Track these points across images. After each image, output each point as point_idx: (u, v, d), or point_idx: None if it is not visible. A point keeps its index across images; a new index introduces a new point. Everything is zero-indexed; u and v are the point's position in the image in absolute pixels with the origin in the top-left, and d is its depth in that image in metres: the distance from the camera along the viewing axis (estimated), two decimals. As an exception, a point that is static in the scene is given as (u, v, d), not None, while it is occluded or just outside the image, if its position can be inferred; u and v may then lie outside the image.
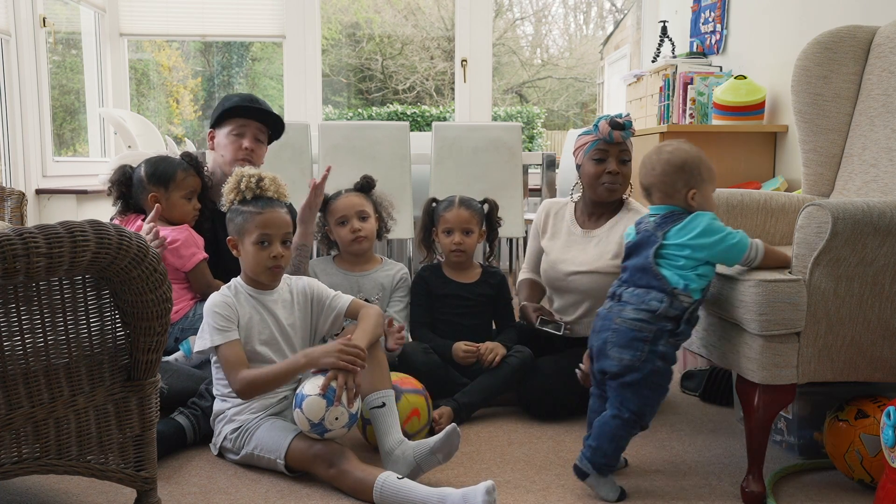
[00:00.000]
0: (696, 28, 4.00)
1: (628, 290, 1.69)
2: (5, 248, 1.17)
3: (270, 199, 1.87)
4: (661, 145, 1.77)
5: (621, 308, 1.68)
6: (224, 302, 1.83)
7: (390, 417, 1.76)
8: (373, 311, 1.89)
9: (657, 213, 1.72)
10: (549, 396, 2.14)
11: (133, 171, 2.34)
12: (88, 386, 1.40)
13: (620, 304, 1.69)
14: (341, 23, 9.94)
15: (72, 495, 1.66)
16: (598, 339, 1.70)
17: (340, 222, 2.32)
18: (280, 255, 1.84)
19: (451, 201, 2.33)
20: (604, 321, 1.71)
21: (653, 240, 1.68)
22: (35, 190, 3.98)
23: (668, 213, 1.70)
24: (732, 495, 1.68)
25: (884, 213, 1.54)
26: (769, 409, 1.62)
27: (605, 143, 2.20)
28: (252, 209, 1.84)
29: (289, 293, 1.92)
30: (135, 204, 2.34)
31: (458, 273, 2.33)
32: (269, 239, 1.83)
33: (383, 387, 1.79)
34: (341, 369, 1.68)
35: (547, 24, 12.73)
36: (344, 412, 1.67)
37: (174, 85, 7.76)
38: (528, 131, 8.82)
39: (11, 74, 3.84)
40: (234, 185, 1.87)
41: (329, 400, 1.65)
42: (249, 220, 1.83)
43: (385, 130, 3.56)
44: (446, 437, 1.67)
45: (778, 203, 2.21)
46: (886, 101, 2.12)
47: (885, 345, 1.63)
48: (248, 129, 2.41)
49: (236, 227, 1.86)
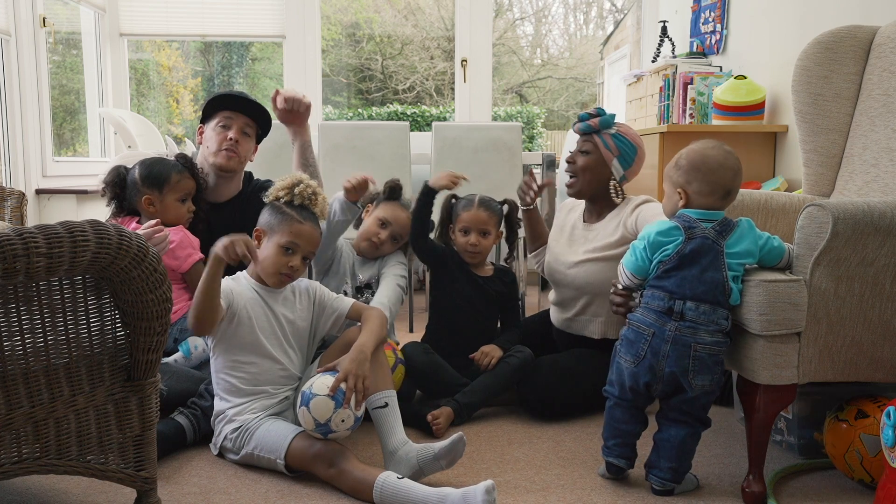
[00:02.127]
0: (696, 28, 4.00)
1: (692, 307, 1.59)
2: (5, 248, 1.17)
3: (313, 214, 1.90)
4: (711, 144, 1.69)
5: (693, 331, 1.59)
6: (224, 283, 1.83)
7: (393, 418, 1.76)
8: (376, 314, 1.89)
9: (712, 219, 1.63)
10: (549, 396, 2.14)
11: (127, 172, 2.33)
12: (88, 386, 1.40)
13: (688, 324, 1.59)
14: (341, 23, 9.95)
15: (72, 495, 1.66)
16: (673, 366, 1.60)
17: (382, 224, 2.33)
18: (296, 268, 1.86)
19: (470, 200, 2.32)
20: (675, 346, 1.59)
21: (716, 249, 1.60)
22: (35, 190, 3.97)
23: (723, 220, 1.64)
24: (732, 495, 1.68)
25: (884, 214, 1.54)
26: (770, 409, 1.62)
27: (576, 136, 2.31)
28: (295, 215, 1.86)
29: (291, 292, 1.93)
30: (129, 205, 2.33)
31: (473, 267, 2.34)
32: (296, 249, 1.85)
33: (385, 387, 1.79)
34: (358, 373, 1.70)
35: (547, 24, 12.75)
36: (350, 415, 1.68)
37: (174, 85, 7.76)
38: (528, 131, 8.82)
39: (11, 74, 3.84)
40: (289, 185, 1.90)
41: (338, 402, 1.66)
42: (286, 224, 1.85)
43: (385, 130, 3.56)
44: (452, 444, 1.67)
45: (778, 203, 2.21)
46: (887, 101, 2.12)
47: (885, 345, 1.63)
48: (234, 121, 2.39)
49: (270, 223, 1.88)
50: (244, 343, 1.83)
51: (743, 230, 1.63)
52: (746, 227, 1.63)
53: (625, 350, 1.68)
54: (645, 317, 1.65)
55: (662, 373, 1.61)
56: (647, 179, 3.32)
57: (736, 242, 1.61)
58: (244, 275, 1.91)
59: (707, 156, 1.65)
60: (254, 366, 1.83)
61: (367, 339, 1.79)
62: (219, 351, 1.85)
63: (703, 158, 1.65)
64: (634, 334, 1.65)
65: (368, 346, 1.76)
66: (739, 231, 1.63)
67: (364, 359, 1.73)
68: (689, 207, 1.66)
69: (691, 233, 1.62)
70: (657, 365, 1.62)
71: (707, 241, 1.61)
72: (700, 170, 1.64)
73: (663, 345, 1.60)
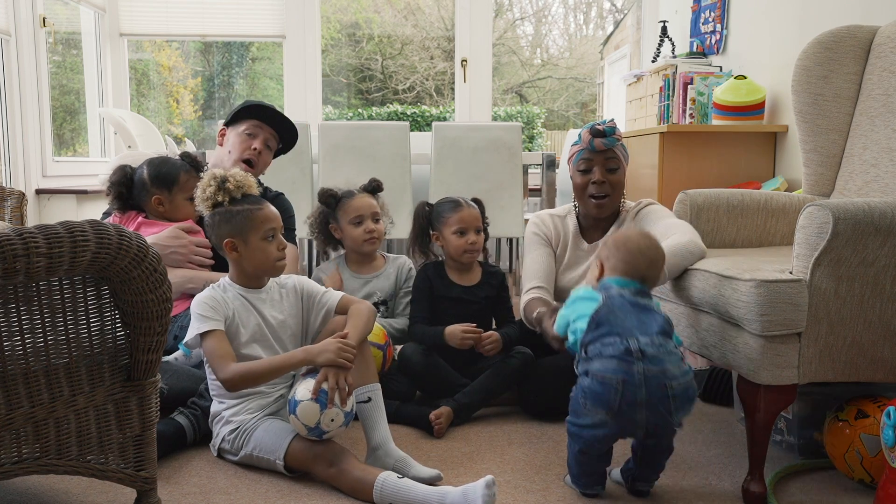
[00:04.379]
0: (696, 28, 4.00)
1: (647, 342, 1.50)
2: (5, 248, 1.17)
3: (256, 196, 1.87)
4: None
5: (661, 369, 1.48)
6: (212, 296, 1.81)
7: (377, 412, 1.77)
8: (364, 308, 1.88)
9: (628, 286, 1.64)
10: (550, 396, 2.14)
11: (133, 171, 2.33)
12: (88, 386, 1.40)
13: (652, 361, 1.48)
14: (341, 23, 9.94)
15: (72, 495, 1.66)
16: (656, 417, 1.49)
17: (356, 222, 2.36)
18: (284, 247, 1.86)
19: (456, 202, 2.30)
20: (650, 389, 1.47)
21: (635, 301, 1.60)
22: (35, 190, 3.98)
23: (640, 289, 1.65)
24: (733, 495, 1.68)
25: (885, 214, 1.54)
26: (770, 410, 1.62)
27: (589, 153, 2.18)
28: (250, 206, 1.82)
29: (278, 291, 1.92)
30: (134, 205, 2.34)
31: (462, 275, 2.32)
32: (275, 233, 1.84)
33: (369, 380, 1.79)
34: (340, 367, 1.68)
35: (547, 24, 12.74)
36: (339, 413, 1.67)
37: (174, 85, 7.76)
38: (528, 131, 8.82)
39: (11, 74, 3.84)
40: (216, 187, 1.81)
41: (322, 403, 1.65)
42: (251, 218, 1.82)
43: (385, 130, 3.56)
44: (429, 477, 1.68)
45: (778, 203, 2.21)
46: (887, 101, 2.12)
47: (885, 345, 1.63)
48: (261, 131, 2.45)
49: (235, 228, 1.81)
50: (235, 346, 1.81)
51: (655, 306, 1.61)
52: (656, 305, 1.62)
53: (592, 403, 1.51)
54: (605, 365, 1.50)
55: (643, 423, 1.49)
56: (647, 179, 3.32)
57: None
58: (228, 281, 1.87)
59: (629, 238, 1.69)
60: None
61: (352, 333, 1.77)
62: None
63: (625, 240, 1.69)
64: (600, 385, 1.49)
65: (353, 340, 1.74)
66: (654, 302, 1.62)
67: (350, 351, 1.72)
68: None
69: (608, 291, 1.62)
70: (636, 416, 1.49)
71: (624, 298, 1.59)
72: (620, 249, 1.67)
73: (637, 391, 1.47)
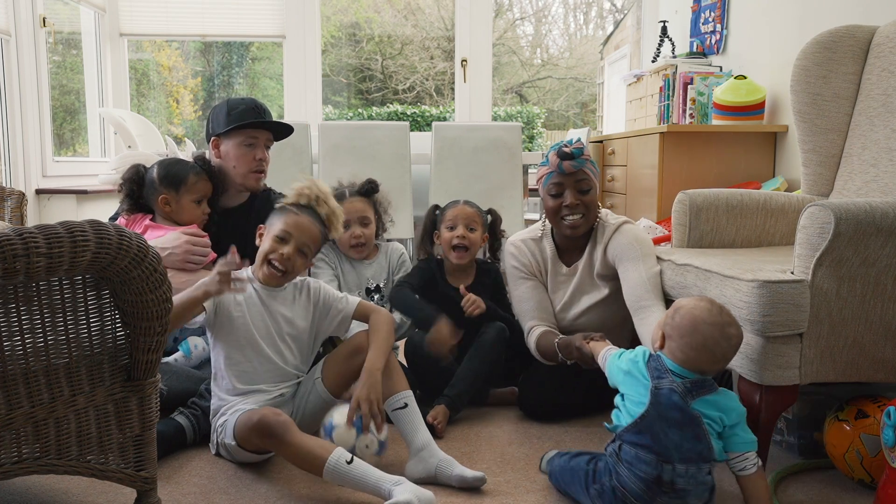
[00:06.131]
0: (696, 28, 4.00)
1: (682, 472, 1.44)
2: (5, 248, 1.17)
3: (315, 213, 1.91)
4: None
5: (682, 502, 1.44)
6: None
7: (415, 416, 1.78)
8: (383, 320, 1.89)
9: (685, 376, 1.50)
10: (549, 397, 2.14)
11: (146, 171, 2.34)
12: (88, 386, 1.40)
13: (678, 495, 1.44)
14: (341, 23, 9.95)
15: (72, 495, 1.66)
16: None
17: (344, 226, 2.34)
18: (287, 257, 1.84)
19: (455, 201, 2.36)
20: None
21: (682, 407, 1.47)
22: (35, 190, 3.98)
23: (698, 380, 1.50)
24: (733, 495, 1.68)
25: (886, 214, 1.54)
26: (772, 410, 1.62)
27: (559, 176, 2.10)
28: (293, 209, 1.89)
29: (293, 292, 1.93)
30: (144, 204, 2.35)
31: (457, 277, 2.32)
32: (288, 238, 1.85)
33: (401, 388, 1.80)
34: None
35: (547, 24, 12.75)
36: (374, 440, 1.70)
37: (174, 85, 7.76)
38: (528, 131, 8.82)
39: (11, 74, 3.84)
40: (297, 189, 1.92)
41: (358, 428, 1.69)
42: (283, 217, 1.88)
43: (385, 130, 3.56)
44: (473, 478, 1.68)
45: (778, 203, 2.21)
46: (886, 101, 2.12)
47: (886, 345, 1.63)
48: (259, 139, 2.40)
49: (271, 221, 1.91)
50: (238, 339, 1.84)
51: (723, 396, 1.49)
52: (724, 396, 1.50)
53: (599, 497, 1.50)
54: (632, 483, 1.46)
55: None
56: (647, 179, 3.32)
57: (709, 405, 1.47)
58: (250, 274, 1.91)
59: (701, 322, 1.48)
60: (248, 364, 1.84)
61: (375, 358, 1.79)
62: (217, 347, 1.87)
63: (696, 325, 1.48)
64: (613, 494, 1.48)
65: (377, 367, 1.77)
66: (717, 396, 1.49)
67: (375, 381, 1.74)
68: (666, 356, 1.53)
69: (658, 384, 1.49)
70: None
71: (673, 398, 1.46)
72: (685, 337, 1.49)
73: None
